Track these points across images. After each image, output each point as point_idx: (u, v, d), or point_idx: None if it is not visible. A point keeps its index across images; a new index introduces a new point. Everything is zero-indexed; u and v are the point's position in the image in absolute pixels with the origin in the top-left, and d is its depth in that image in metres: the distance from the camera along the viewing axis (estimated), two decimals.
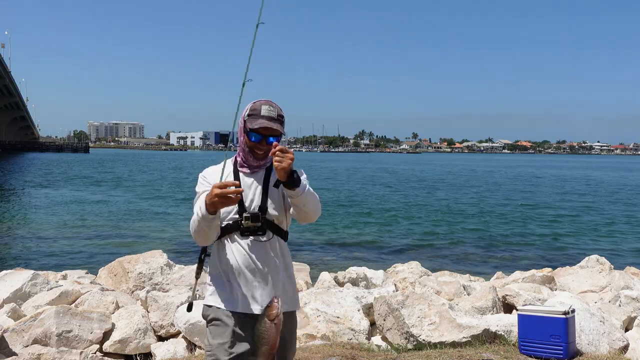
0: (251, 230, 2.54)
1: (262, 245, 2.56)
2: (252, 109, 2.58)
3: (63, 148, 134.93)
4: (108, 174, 50.17)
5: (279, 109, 2.60)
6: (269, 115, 2.55)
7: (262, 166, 2.63)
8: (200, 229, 2.43)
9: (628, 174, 68.21)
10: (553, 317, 5.01)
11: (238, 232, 2.55)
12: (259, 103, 2.58)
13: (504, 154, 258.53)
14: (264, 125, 2.52)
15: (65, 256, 13.74)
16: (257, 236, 2.55)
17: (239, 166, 2.64)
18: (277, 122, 2.56)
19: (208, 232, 2.45)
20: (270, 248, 2.58)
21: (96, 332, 5.50)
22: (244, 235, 2.55)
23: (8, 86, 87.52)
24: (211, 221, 2.40)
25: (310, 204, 2.51)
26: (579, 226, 21.30)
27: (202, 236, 2.47)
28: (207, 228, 2.42)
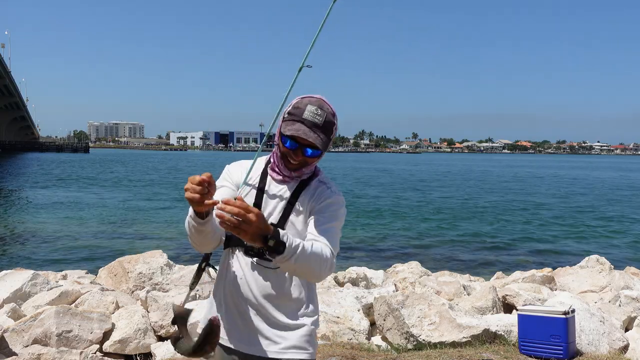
0: (256, 250, 2.05)
1: (266, 272, 2.07)
2: (295, 106, 2.07)
3: (63, 148, 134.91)
4: (108, 174, 50.17)
5: (330, 114, 2.06)
6: (312, 120, 2.02)
7: (297, 176, 2.13)
8: (189, 232, 1.99)
9: (628, 174, 68.19)
10: (553, 317, 5.01)
11: (242, 247, 2.10)
12: (306, 100, 2.06)
13: (504, 154, 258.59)
14: (298, 135, 2.00)
15: (65, 256, 13.75)
16: (263, 259, 2.06)
17: (270, 168, 2.17)
18: (321, 130, 2.03)
19: (197, 238, 1.98)
20: (277, 278, 2.07)
21: (96, 332, 5.50)
22: (248, 254, 2.09)
23: (8, 86, 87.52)
24: (200, 225, 1.92)
25: (303, 271, 1.90)
26: (579, 226, 21.30)
27: (192, 240, 2.02)
28: (195, 232, 1.95)
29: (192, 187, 1.77)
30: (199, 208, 1.83)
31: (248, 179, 2.16)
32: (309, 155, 2.07)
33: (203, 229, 1.94)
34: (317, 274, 1.93)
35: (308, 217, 2.08)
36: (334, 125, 2.09)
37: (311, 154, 2.07)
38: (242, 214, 1.67)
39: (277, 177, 2.14)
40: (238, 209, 1.67)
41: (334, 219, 2.09)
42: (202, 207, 1.82)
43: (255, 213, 1.69)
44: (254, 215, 1.69)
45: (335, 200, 2.11)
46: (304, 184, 2.14)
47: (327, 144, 2.09)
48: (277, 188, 2.13)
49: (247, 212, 1.68)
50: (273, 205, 2.11)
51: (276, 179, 2.14)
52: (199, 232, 1.95)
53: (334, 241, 2.05)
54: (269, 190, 2.13)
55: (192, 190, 1.78)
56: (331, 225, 2.07)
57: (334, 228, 2.07)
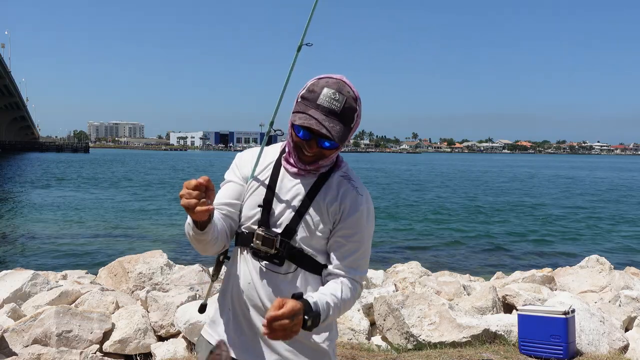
0: (264, 253, 1.84)
1: (277, 278, 1.84)
2: (309, 89, 1.77)
3: (63, 148, 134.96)
4: (108, 174, 50.16)
5: (351, 98, 1.75)
6: (329, 107, 1.72)
7: (315, 169, 1.84)
8: (189, 239, 1.80)
9: (627, 174, 68.17)
10: (553, 317, 5.02)
11: (250, 249, 1.87)
12: (323, 82, 1.76)
13: (504, 154, 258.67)
14: (310, 125, 1.72)
15: (65, 256, 13.74)
16: (273, 264, 1.84)
17: (285, 159, 1.89)
18: (339, 119, 1.73)
19: (198, 246, 1.80)
20: (289, 284, 1.83)
21: (96, 332, 5.50)
22: (257, 257, 1.86)
23: (8, 86, 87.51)
24: (199, 235, 1.73)
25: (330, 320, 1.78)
26: (578, 226, 21.30)
27: (194, 245, 1.82)
28: (195, 241, 1.78)
29: (187, 193, 1.57)
30: (196, 216, 1.61)
31: (258, 171, 1.90)
32: (326, 147, 1.77)
33: (202, 238, 1.74)
34: (345, 312, 1.89)
35: (328, 219, 1.82)
36: (355, 112, 1.76)
37: (329, 146, 1.78)
38: (291, 326, 1.54)
39: (291, 170, 1.86)
40: (287, 322, 1.52)
41: (364, 240, 1.85)
42: (200, 215, 1.60)
43: (298, 318, 1.56)
44: (298, 321, 1.56)
45: (363, 212, 1.84)
46: (323, 178, 1.85)
47: (347, 135, 1.77)
48: (291, 182, 1.85)
49: (293, 324, 1.54)
50: (286, 204, 1.84)
51: (290, 171, 1.86)
52: (199, 241, 1.76)
53: (364, 268, 1.88)
54: (282, 185, 1.85)
55: (187, 196, 1.57)
56: (361, 252, 1.85)
57: (363, 254, 1.86)
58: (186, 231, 1.79)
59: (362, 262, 1.86)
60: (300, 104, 1.77)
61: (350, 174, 1.89)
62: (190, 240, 1.80)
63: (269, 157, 1.93)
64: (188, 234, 1.78)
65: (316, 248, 1.84)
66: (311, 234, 1.82)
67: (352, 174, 1.90)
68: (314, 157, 1.81)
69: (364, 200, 1.85)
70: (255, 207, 1.86)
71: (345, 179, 1.87)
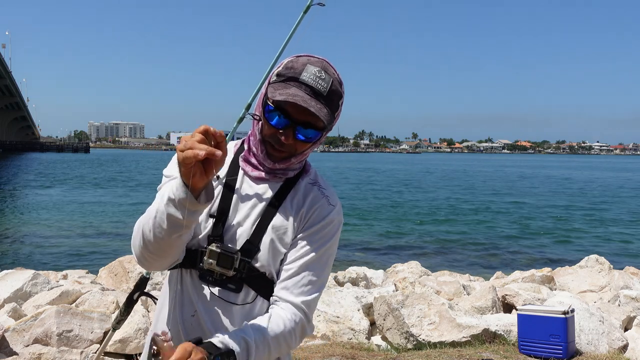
0: (217, 277, 1.45)
1: (231, 309, 1.46)
2: (288, 65, 1.44)
3: (63, 148, 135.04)
4: (109, 174, 50.17)
5: (337, 81, 1.45)
6: (315, 86, 1.40)
7: (280, 174, 1.51)
8: (154, 231, 1.33)
9: (629, 175, 68.14)
10: (552, 316, 5.02)
11: (196, 270, 1.47)
12: (304, 58, 1.44)
13: (504, 154, 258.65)
14: (295, 100, 1.38)
15: (66, 256, 13.76)
16: (227, 290, 1.46)
17: (243, 159, 1.54)
18: (325, 103, 1.42)
19: (163, 242, 1.34)
20: (245, 317, 1.46)
21: (97, 331, 5.51)
22: (204, 280, 1.46)
23: (9, 86, 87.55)
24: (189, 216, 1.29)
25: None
26: (578, 226, 21.30)
27: (148, 246, 1.37)
28: (168, 230, 1.31)
29: (193, 144, 1.21)
30: (200, 179, 1.24)
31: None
32: (307, 139, 1.45)
33: (191, 221, 1.30)
34: (282, 354, 1.48)
35: (294, 232, 1.49)
36: (340, 98, 1.46)
37: (311, 138, 1.45)
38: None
39: (252, 173, 1.51)
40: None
41: (323, 255, 1.51)
42: (205, 177, 1.24)
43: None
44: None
45: (333, 223, 1.52)
46: (290, 184, 1.53)
47: (331, 124, 1.46)
48: (252, 188, 1.51)
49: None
50: (245, 212, 1.48)
51: (251, 175, 1.51)
52: (175, 229, 1.30)
53: (313, 290, 1.48)
54: (240, 191, 1.50)
55: (195, 148, 1.19)
56: (317, 266, 1.50)
57: (319, 270, 1.50)
58: (154, 222, 1.33)
59: (314, 282, 1.48)
60: (276, 84, 1.43)
61: (321, 182, 1.57)
62: (152, 236, 1.34)
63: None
64: (157, 224, 1.32)
65: (273, 273, 1.49)
66: (276, 253, 1.47)
67: (322, 181, 1.58)
68: (287, 153, 1.47)
69: (335, 211, 1.53)
70: (206, 219, 1.47)
71: (314, 186, 1.55)
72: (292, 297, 1.45)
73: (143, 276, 1.88)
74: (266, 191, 1.51)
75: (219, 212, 1.48)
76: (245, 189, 1.51)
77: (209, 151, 1.19)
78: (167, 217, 1.29)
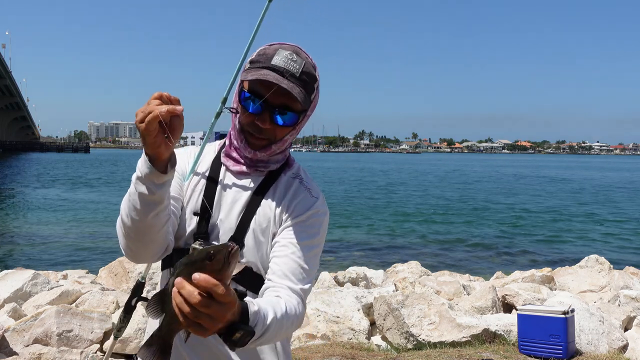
0: None
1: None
2: (259, 53, 1.47)
3: (64, 148, 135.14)
4: (109, 174, 50.17)
5: (311, 65, 1.46)
6: (286, 67, 1.41)
7: (262, 167, 1.52)
8: (128, 216, 1.32)
9: (629, 175, 68.16)
10: (552, 316, 5.03)
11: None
12: (276, 45, 1.47)
13: (504, 154, 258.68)
14: (267, 79, 1.38)
15: (66, 256, 13.76)
16: None
17: (225, 154, 1.55)
18: (298, 83, 1.41)
19: (139, 226, 1.32)
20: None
21: (97, 331, 5.51)
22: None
23: (9, 86, 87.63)
24: (157, 190, 1.27)
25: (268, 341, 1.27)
26: (578, 226, 21.31)
27: (127, 235, 1.36)
28: (140, 212, 1.29)
29: (152, 107, 1.17)
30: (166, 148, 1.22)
31: (196, 169, 1.55)
32: (282, 123, 1.44)
33: (156, 197, 1.27)
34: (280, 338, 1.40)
35: (277, 224, 1.48)
36: (316, 81, 1.46)
37: (285, 122, 1.44)
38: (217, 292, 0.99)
39: (234, 168, 1.51)
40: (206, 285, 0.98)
41: (312, 246, 1.48)
42: (170, 144, 1.22)
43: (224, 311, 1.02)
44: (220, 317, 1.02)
45: (317, 212, 1.51)
46: (273, 177, 1.53)
47: (308, 105, 1.46)
48: (234, 183, 1.52)
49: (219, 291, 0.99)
50: (228, 208, 1.49)
51: (233, 169, 1.52)
52: (149, 207, 1.28)
53: (308, 280, 1.45)
54: (222, 187, 1.51)
55: (156, 110, 1.16)
56: (307, 258, 1.46)
57: (310, 262, 1.46)
58: (127, 206, 1.31)
59: (307, 271, 1.45)
60: (249, 70, 1.44)
61: (304, 176, 1.57)
62: (129, 221, 1.32)
63: (205, 155, 1.58)
64: (130, 207, 1.30)
65: (261, 267, 1.48)
66: (261, 246, 1.47)
67: (305, 175, 1.58)
68: (266, 140, 1.47)
69: (318, 202, 1.52)
70: (190, 217, 1.48)
71: (296, 179, 1.55)
72: (291, 284, 1.41)
73: (139, 281, 1.81)
74: (248, 185, 1.51)
75: (203, 209, 1.48)
76: (228, 184, 1.51)
77: (170, 108, 1.17)
78: (139, 196, 1.28)
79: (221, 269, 1.03)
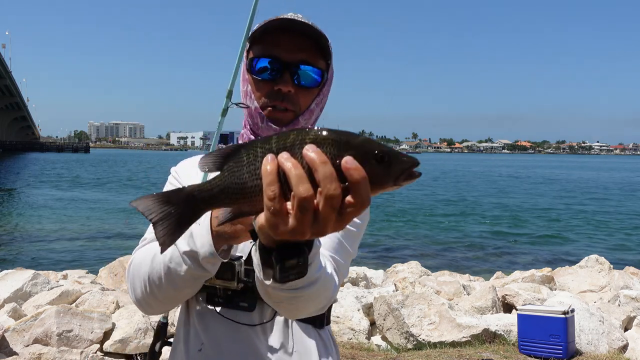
0: (222, 295, 1.22)
1: (247, 333, 1.22)
2: (260, 25, 1.26)
3: (64, 148, 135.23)
4: (109, 174, 50.18)
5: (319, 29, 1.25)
6: (294, 17, 1.21)
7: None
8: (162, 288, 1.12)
9: (629, 175, 68.16)
10: (552, 316, 5.03)
11: (203, 294, 1.24)
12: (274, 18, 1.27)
13: (504, 154, 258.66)
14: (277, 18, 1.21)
15: (66, 256, 13.76)
16: (236, 309, 1.22)
17: None
18: (312, 37, 1.22)
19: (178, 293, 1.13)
20: (268, 342, 1.23)
21: (97, 331, 5.51)
22: (212, 302, 1.24)
23: (9, 86, 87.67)
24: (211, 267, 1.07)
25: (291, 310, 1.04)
26: (578, 226, 21.31)
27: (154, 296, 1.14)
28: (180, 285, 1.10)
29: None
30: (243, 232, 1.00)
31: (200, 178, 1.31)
32: (304, 83, 1.23)
33: (209, 274, 1.08)
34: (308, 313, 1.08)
35: None
36: (328, 41, 1.25)
37: (308, 82, 1.23)
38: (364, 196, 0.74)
39: None
40: (359, 177, 0.72)
41: (353, 226, 1.31)
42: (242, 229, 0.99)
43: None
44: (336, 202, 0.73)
45: None
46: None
47: (329, 56, 1.27)
48: None
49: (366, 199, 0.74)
50: None
51: None
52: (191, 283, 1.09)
53: (345, 257, 1.25)
54: None
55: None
56: (347, 235, 1.27)
57: (349, 239, 1.27)
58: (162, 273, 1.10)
59: (345, 249, 1.27)
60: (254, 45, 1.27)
61: None
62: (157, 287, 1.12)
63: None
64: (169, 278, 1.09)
65: None
66: None
67: None
68: (292, 112, 1.24)
69: None
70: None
71: None
72: (325, 252, 1.18)
73: (161, 322, 1.53)
74: None
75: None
76: None
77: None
78: (186, 271, 1.06)
79: (384, 181, 0.75)
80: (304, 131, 0.74)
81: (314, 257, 0.92)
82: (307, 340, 1.26)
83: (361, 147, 0.73)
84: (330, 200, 0.71)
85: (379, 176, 0.74)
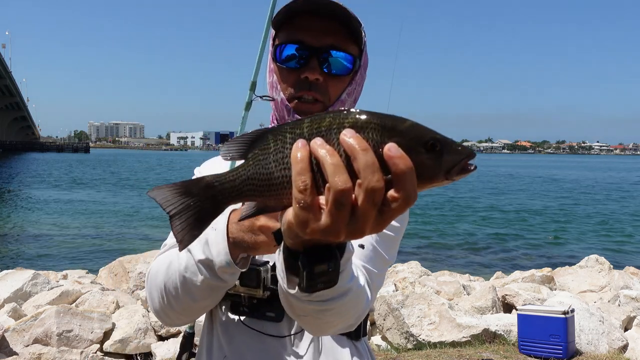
0: (248, 304, 1.14)
1: (275, 346, 1.14)
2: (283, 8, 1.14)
3: (64, 148, 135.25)
4: (109, 174, 50.19)
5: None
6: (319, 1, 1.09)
7: None
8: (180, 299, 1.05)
9: (629, 175, 68.18)
10: (552, 316, 5.03)
11: (227, 303, 1.17)
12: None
13: (504, 154, 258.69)
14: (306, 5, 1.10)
15: (66, 256, 13.76)
16: (262, 320, 1.14)
17: None
18: (342, 19, 1.12)
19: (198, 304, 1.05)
20: (296, 354, 1.14)
21: (97, 331, 5.51)
22: (236, 312, 1.16)
23: (9, 86, 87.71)
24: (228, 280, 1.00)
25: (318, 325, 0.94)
26: (578, 226, 21.31)
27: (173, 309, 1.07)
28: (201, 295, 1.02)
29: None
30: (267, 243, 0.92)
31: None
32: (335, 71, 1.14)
33: (228, 285, 1.02)
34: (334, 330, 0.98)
35: None
36: (360, 24, 1.14)
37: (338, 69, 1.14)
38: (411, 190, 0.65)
39: None
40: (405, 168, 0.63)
41: (391, 229, 1.17)
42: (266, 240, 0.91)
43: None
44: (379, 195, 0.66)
45: None
46: None
47: (362, 41, 1.17)
48: None
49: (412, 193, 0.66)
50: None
51: None
52: (211, 293, 1.02)
53: (380, 265, 1.13)
54: None
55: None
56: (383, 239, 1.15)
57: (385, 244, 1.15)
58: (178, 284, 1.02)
59: (381, 256, 1.14)
60: (279, 32, 1.18)
61: None
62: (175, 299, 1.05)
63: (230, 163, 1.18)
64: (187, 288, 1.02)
65: None
66: None
67: None
68: (320, 103, 1.14)
69: None
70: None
71: None
72: (356, 260, 1.07)
73: (187, 332, 1.41)
74: None
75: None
76: None
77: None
78: (203, 282, 0.99)
79: (434, 174, 0.66)
80: (341, 114, 0.66)
81: (346, 264, 0.82)
82: (341, 352, 1.16)
83: (408, 133, 0.64)
84: (372, 194, 0.62)
85: (429, 168, 0.65)
